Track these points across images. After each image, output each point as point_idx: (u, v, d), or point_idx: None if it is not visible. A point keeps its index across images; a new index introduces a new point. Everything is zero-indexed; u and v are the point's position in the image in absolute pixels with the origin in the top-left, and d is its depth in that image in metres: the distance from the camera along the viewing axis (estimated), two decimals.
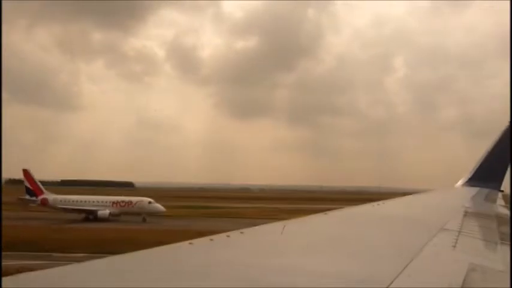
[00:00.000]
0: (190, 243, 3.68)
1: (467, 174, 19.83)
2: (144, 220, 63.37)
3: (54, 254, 36.17)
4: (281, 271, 3.07)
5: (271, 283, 2.76)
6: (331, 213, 6.85)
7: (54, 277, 2.59)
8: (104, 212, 64.60)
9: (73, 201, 68.54)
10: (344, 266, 3.42)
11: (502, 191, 18.44)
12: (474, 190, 16.49)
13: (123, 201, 67.12)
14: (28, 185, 70.85)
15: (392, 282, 2.87)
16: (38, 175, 75.11)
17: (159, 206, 65.76)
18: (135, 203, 66.31)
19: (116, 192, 77.16)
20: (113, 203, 66.71)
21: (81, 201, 68.71)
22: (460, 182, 19.73)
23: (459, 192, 16.69)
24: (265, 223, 5.26)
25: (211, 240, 3.96)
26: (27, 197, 70.66)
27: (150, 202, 65.83)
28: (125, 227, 55.86)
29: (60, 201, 68.13)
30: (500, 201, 15.05)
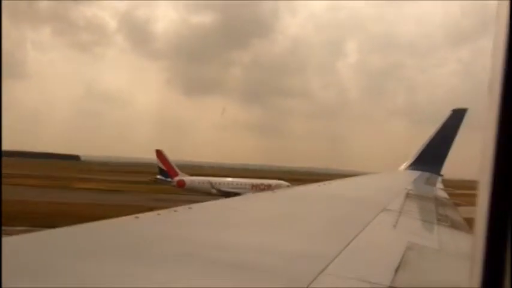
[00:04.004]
0: (136, 217, 3.63)
1: (411, 159, 20.70)
2: None
3: None
4: (225, 247, 3.11)
5: (214, 258, 2.78)
6: (278, 192, 6.96)
7: None
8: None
9: (212, 183, 65.20)
10: (287, 243, 3.49)
11: (442, 175, 19.41)
12: (416, 174, 17.24)
13: (262, 184, 64.32)
14: (161, 166, 68.19)
15: (334, 259, 2.96)
16: None
17: None
18: (274, 186, 64.11)
19: (61, 164, 74.08)
20: (253, 185, 64.03)
21: (219, 183, 65.60)
22: (403, 166, 20.57)
23: (402, 175, 17.39)
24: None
25: (158, 214, 3.93)
26: (161, 177, 68.16)
27: (288, 186, 64.12)
28: None
29: (198, 183, 65.28)
30: (439, 185, 15.83)
